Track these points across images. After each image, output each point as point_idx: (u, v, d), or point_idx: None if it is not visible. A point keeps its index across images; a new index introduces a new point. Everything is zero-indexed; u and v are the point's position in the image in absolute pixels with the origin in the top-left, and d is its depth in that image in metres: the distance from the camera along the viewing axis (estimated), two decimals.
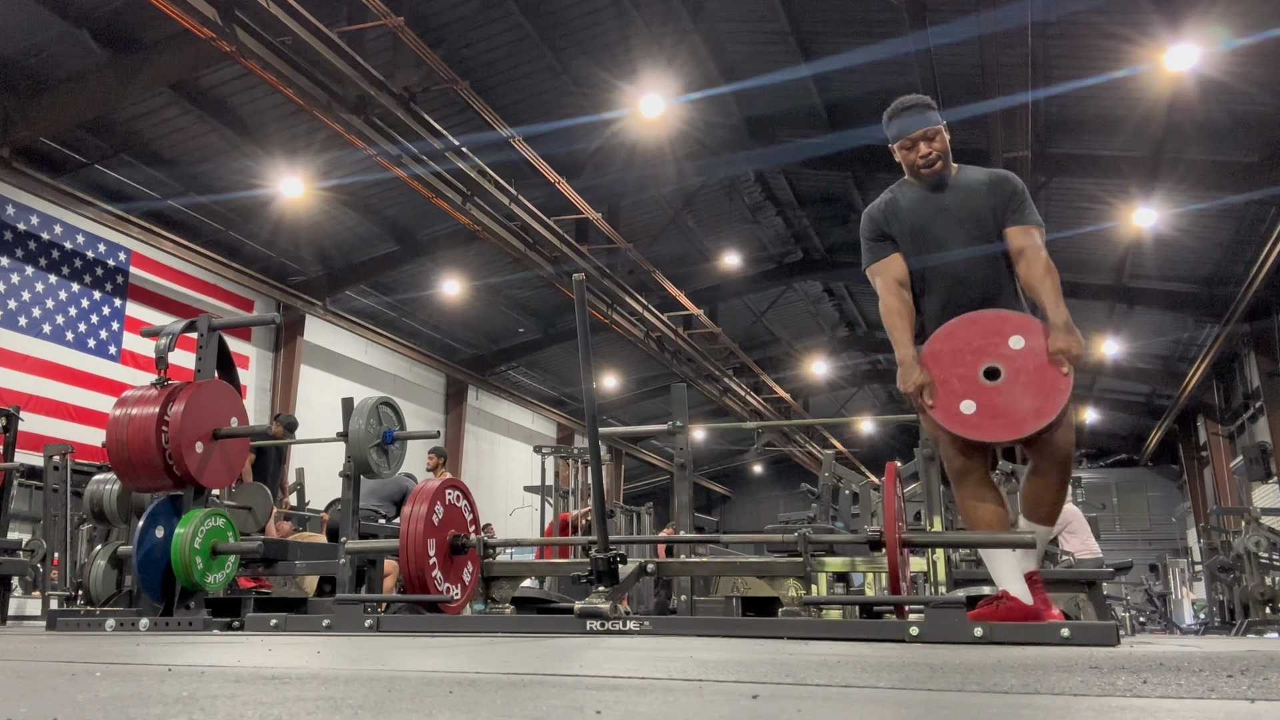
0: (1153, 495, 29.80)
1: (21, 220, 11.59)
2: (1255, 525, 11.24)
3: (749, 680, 1.65)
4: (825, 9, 11.77)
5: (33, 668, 2.00)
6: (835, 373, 25.47)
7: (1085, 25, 10.83)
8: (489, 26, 11.70)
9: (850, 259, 18.95)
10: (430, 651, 2.58)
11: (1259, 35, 9.99)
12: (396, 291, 17.68)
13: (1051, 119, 12.66)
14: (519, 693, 1.41)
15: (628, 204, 15.81)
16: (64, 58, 10.47)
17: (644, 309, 16.40)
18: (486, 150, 11.72)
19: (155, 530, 4.40)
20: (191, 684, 1.51)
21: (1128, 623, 15.18)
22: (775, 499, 32.66)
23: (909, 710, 1.28)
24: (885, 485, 3.57)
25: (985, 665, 2.01)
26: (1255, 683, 1.59)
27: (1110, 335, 19.55)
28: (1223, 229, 14.63)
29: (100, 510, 5.67)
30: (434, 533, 4.28)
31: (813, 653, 2.47)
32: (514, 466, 21.55)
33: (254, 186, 12.90)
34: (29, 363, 11.58)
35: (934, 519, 4.66)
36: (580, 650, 2.59)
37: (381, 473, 5.14)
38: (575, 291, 3.69)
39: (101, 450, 5.39)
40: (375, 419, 5.06)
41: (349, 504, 4.97)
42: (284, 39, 8.90)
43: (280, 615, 4.15)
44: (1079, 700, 1.39)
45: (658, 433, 5.51)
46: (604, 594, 3.69)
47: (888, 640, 3.13)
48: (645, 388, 24.28)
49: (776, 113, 13.86)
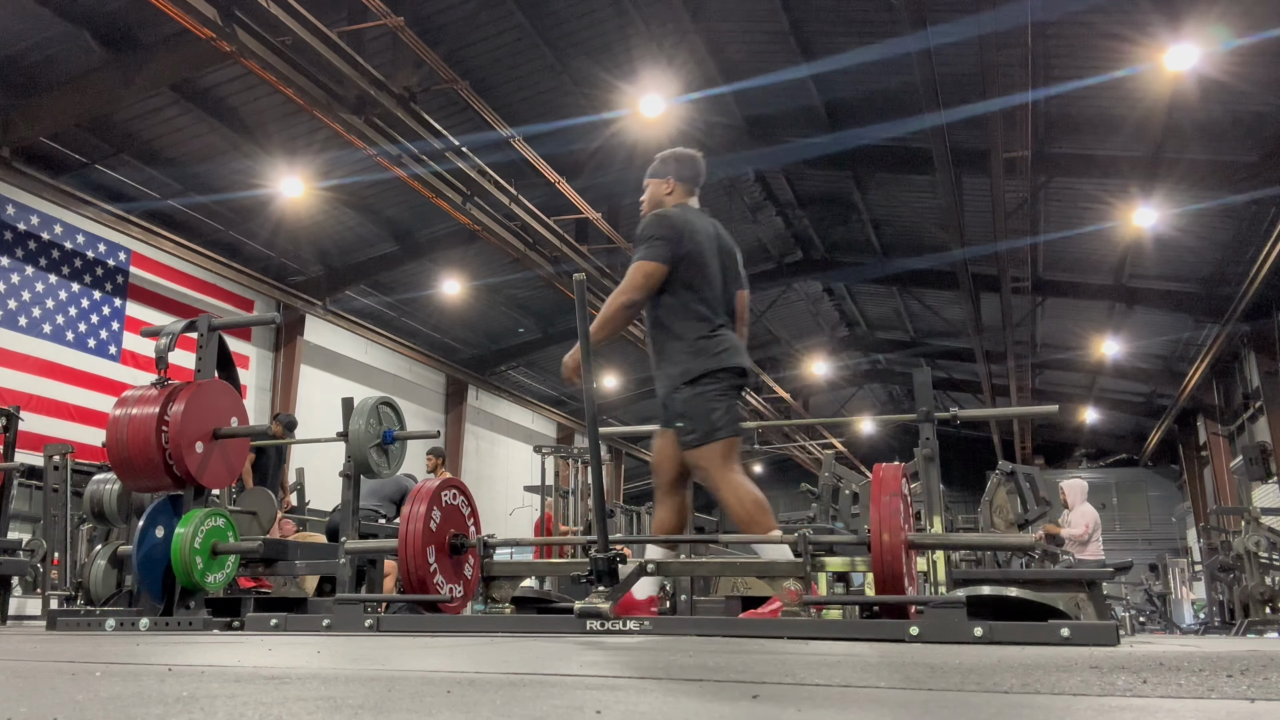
0: (1153, 495, 29.80)
1: (21, 220, 11.59)
2: (1255, 525, 11.24)
3: (749, 680, 1.65)
4: (825, 9, 11.77)
5: (33, 668, 2.00)
6: (835, 373, 25.47)
7: (1085, 25, 10.83)
8: (489, 26, 11.70)
9: (850, 259, 19.01)
10: (430, 651, 2.58)
11: (1259, 35, 9.99)
12: (396, 291, 17.69)
13: (1051, 119, 12.66)
14: (519, 693, 1.41)
15: (628, 204, 15.80)
16: (64, 58, 10.47)
17: None
18: (486, 150, 11.72)
19: (155, 530, 4.40)
20: (191, 684, 1.51)
21: (1128, 623, 15.18)
22: (775, 499, 32.39)
23: (909, 710, 1.28)
24: (872, 485, 3.56)
25: (985, 665, 2.01)
26: (1255, 683, 1.59)
27: (1110, 335, 19.55)
28: (1223, 229, 14.63)
29: (100, 510, 5.67)
30: (433, 534, 4.27)
31: (812, 652, 2.47)
32: (514, 466, 21.56)
33: (254, 186, 12.90)
34: (29, 363, 11.58)
35: (934, 519, 4.66)
36: (580, 650, 2.59)
37: (381, 473, 5.14)
38: (576, 291, 3.69)
39: (101, 450, 5.39)
40: (375, 419, 5.06)
41: (349, 504, 4.97)
42: (284, 39, 8.90)
43: (280, 615, 4.15)
44: (1079, 700, 1.39)
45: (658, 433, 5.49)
46: (604, 594, 3.69)
47: (888, 640, 3.13)
48: (645, 388, 24.27)
49: (776, 113, 13.85)
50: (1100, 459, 30.55)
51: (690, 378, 3.85)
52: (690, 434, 3.85)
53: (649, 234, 3.96)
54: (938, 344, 23.10)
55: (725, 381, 3.89)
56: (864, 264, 18.95)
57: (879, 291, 21.37)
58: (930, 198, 15.63)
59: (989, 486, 9.26)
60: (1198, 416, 22.43)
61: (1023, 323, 17.35)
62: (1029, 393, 20.33)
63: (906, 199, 16.65)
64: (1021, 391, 19.94)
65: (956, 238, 14.34)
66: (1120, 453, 29.60)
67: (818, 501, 9.08)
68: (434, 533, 4.28)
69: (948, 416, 4.90)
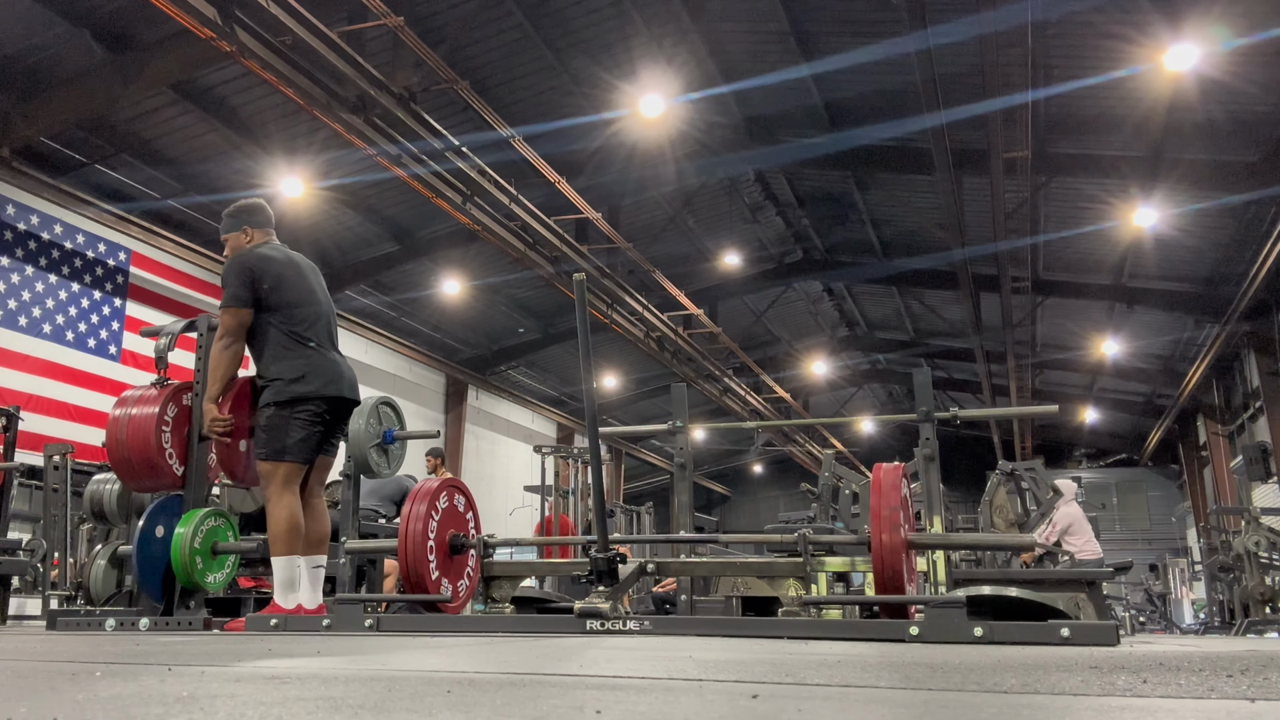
0: (1153, 495, 29.79)
1: (21, 220, 11.59)
2: (1255, 525, 11.23)
3: (749, 680, 1.65)
4: (825, 9, 11.77)
5: (33, 668, 2.00)
6: (835, 373, 25.48)
7: (1085, 25, 10.83)
8: (489, 26, 11.70)
9: (850, 259, 19.02)
10: (430, 651, 2.58)
11: (1259, 35, 9.99)
12: (396, 291, 17.69)
13: (1051, 119, 12.66)
14: (519, 692, 1.41)
15: (628, 204, 15.81)
16: (64, 58, 10.47)
17: (644, 309, 16.39)
18: (486, 150, 11.71)
19: (155, 530, 4.41)
20: (191, 684, 1.51)
21: (1128, 622, 15.18)
22: (775, 499, 32.66)
23: (909, 710, 1.28)
24: (872, 485, 3.57)
25: (985, 665, 2.01)
26: (1255, 683, 1.59)
27: (1110, 335, 19.55)
28: (1223, 229, 14.63)
29: (100, 510, 5.67)
30: (433, 532, 4.27)
31: (813, 652, 2.47)
32: (514, 466, 21.55)
33: (254, 186, 12.89)
34: (29, 363, 11.57)
35: (934, 519, 4.66)
36: (580, 650, 2.59)
37: (381, 472, 5.15)
38: (576, 291, 3.70)
39: (101, 450, 5.40)
40: (375, 419, 5.06)
41: (349, 504, 4.97)
42: (284, 39, 8.90)
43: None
44: (1079, 700, 1.39)
45: (658, 432, 5.51)
46: (604, 594, 3.69)
47: (888, 640, 3.13)
48: (645, 387, 24.28)
49: (776, 113, 13.86)
50: (1100, 459, 30.55)
51: (281, 399, 4.19)
52: (262, 448, 4.21)
53: (227, 283, 4.29)
54: (938, 344, 23.11)
55: (313, 408, 4.22)
56: (864, 264, 18.96)
57: (879, 291, 21.37)
58: (930, 198, 15.63)
59: (989, 486, 9.26)
60: (1198, 416, 22.43)
61: (1023, 323, 17.35)
62: (1029, 393, 20.33)
63: (906, 199, 16.65)
64: (1021, 391, 19.94)
65: (956, 238, 14.34)
66: (1120, 453, 29.60)
67: (818, 501, 9.08)
68: (434, 533, 4.27)
69: (948, 416, 4.90)
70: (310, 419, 4.20)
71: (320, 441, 4.28)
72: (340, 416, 4.39)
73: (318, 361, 4.26)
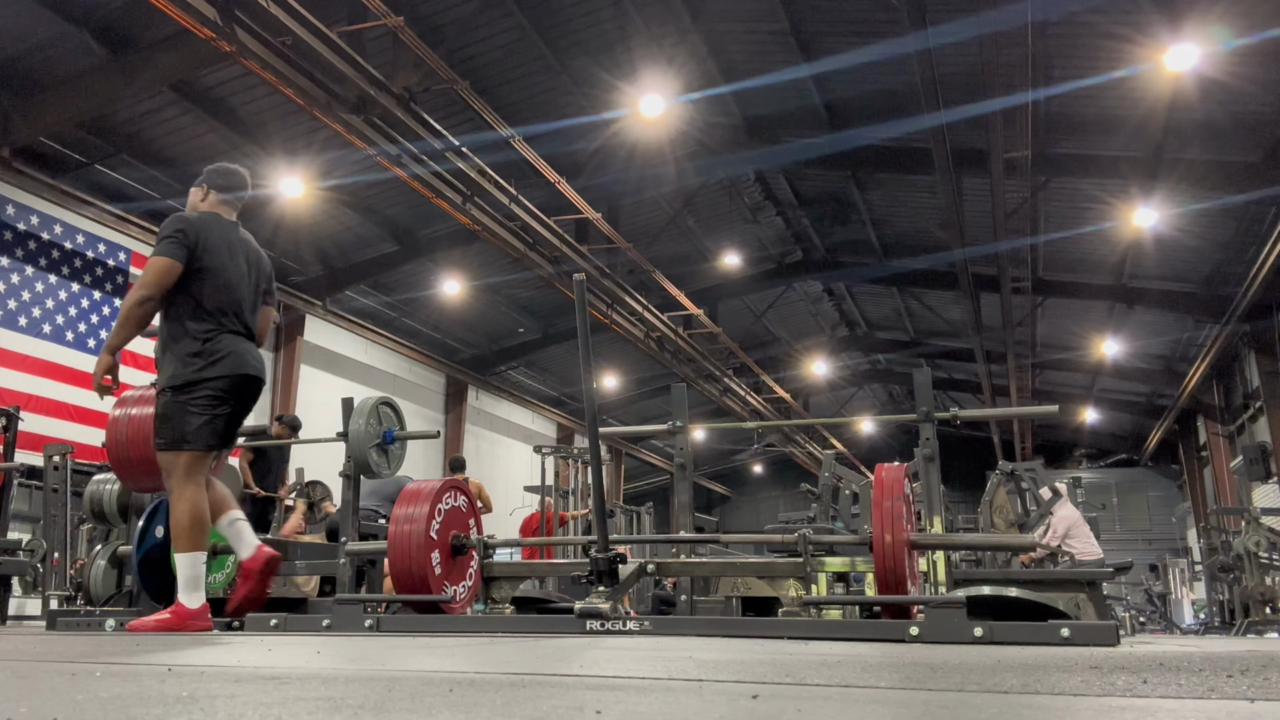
0: (1153, 495, 29.78)
1: (21, 220, 11.59)
2: (1255, 525, 11.24)
3: (749, 680, 1.65)
4: (825, 9, 11.77)
5: (33, 668, 2.00)
6: (835, 373, 25.47)
7: (1085, 25, 10.83)
8: (489, 26, 11.70)
9: (850, 259, 19.01)
10: (430, 651, 2.58)
11: (1259, 35, 9.98)
12: (396, 291, 17.68)
13: (1051, 119, 12.65)
14: (519, 693, 1.41)
15: (628, 204, 15.81)
16: (64, 58, 10.47)
17: (644, 309, 16.39)
18: (486, 150, 11.71)
19: (155, 530, 4.41)
20: (191, 684, 1.51)
21: (1128, 623, 15.16)
22: (775, 499, 32.64)
23: (909, 710, 1.28)
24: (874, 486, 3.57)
25: (985, 665, 2.01)
26: (1255, 683, 1.59)
27: (1110, 335, 19.54)
28: (1223, 229, 14.62)
29: (100, 510, 5.67)
30: (431, 535, 4.27)
31: (813, 653, 2.47)
32: (514, 466, 21.55)
33: (254, 186, 12.86)
34: (29, 363, 11.58)
35: (934, 519, 4.66)
36: (580, 650, 2.59)
37: (381, 473, 5.14)
38: (576, 291, 3.70)
39: (101, 450, 5.39)
40: (375, 419, 5.06)
41: (349, 504, 4.97)
42: (284, 39, 8.90)
43: (280, 615, 4.15)
44: (1079, 700, 1.39)
45: (658, 433, 5.51)
46: (604, 594, 3.69)
47: (888, 640, 3.12)
48: (645, 388, 24.28)
49: (776, 113, 13.86)
50: (1100, 459, 30.53)
51: (176, 383, 3.97)
52: (160, 438, 3.98)
53: (165, 233, 4.05)
54: (938, 344, 23.10)
55: (211, 391, 3.98)
56: (864, 264, 18.96)
57: (879, 291, 21.37)
58: (930, 198, 15.63)
59: (989, 487, 9.26)
60: (1198, 416, 22.42)
61: (1023, 323, 17.35)
62: (1029, 393, 20.33)
63: (906, 199, 16.65)
64: (1021, 391, 19.94)
65: (956, 238, 14.33)
66: (1120, 453, 29.59)
67: (818, 501, 9.08)
68: (437, 534, 4.27)
69: (948, 416, 4.90)
70: (208, 402, 3.97)
71: (226, 426, 4.06)
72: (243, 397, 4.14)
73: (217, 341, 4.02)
